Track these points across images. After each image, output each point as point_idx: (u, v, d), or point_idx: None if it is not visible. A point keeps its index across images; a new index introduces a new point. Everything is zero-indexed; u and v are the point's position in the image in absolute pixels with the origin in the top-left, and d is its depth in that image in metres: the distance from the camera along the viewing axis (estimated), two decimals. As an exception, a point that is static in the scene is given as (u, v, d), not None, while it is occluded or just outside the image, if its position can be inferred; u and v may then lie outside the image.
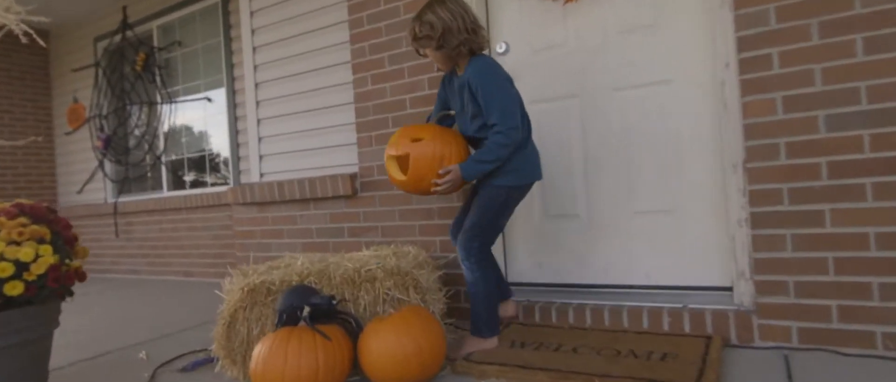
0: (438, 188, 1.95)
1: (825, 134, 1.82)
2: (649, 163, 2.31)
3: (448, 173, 1.92)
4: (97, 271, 5.55)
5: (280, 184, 3.01)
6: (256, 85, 3.28)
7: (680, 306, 2.09)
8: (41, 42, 2.23)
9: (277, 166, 3.24)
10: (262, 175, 3.30)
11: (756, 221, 1.94)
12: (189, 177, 4.92)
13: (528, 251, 2.60)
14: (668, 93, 2.26)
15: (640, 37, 2.31)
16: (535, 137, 2.53)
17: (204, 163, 4.84)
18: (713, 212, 2.18)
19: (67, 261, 1.72)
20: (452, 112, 2.16)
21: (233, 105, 4.35)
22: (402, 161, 2.03)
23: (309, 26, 3.05)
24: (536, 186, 2.54)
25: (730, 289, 2.15)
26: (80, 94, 5.64)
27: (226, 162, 4.60)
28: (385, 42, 2.70)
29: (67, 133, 5.78)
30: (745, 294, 2.01)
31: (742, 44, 1.94)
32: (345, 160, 2.96)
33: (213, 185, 4.74)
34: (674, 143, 2.26)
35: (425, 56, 2.06)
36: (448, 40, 1.92)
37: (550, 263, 2.55)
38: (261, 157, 3.29)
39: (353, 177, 2.80)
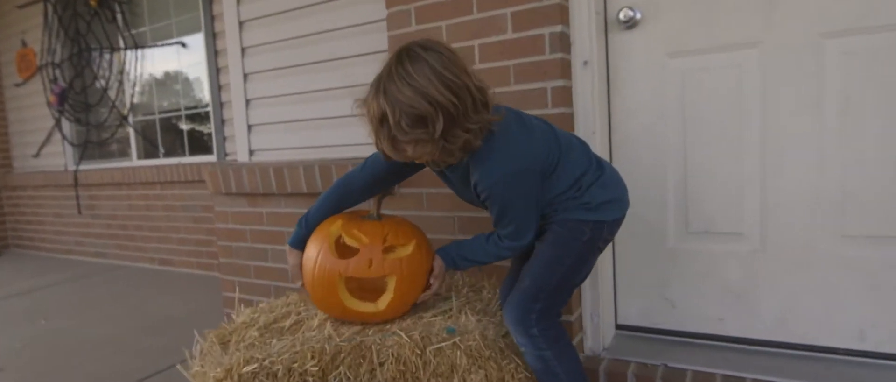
0: (428, 294, 1.35)
1: None
2: (879, 158, 1.42)
3: (438, 275, 1.33)
4: (60, 250, 4.69)
5: (278, 170, 2.10)
6: (241, 24, 2.32)
7: (955, 405, 1.25)
8: None
9: (273, 142, 2.32)
10: (251, 153, 2.39)
11: None
12: (162, 143, 3.98)
13: (652, 281, 1.73)
14: (936, 42, 1.34)
15: (886, -55, 1.37)
16: (679, 108, 1.63)
17: (180, 126, 3.89)
18: None
19: None
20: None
21: (213, 53, 3.36)
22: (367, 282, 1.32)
23: (317, -64, 2.07)
24: (672, 188, 1.66)
25: None
26: (28, 35, 4.61)
27: (208, 125, 3.66)
28: (438, -43, 1.73)
29: (18, 84, 4.78)
30: None
31: None
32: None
33: (192, 154, 3.81)
34: (935, 127, 1.36)
35: (401, 153, 1.15)
36: (453, 137, 1.09)
37: (689, 303, 1.69)
38: (250, 127, 2.37)
39: (385, 163, 1.88)
